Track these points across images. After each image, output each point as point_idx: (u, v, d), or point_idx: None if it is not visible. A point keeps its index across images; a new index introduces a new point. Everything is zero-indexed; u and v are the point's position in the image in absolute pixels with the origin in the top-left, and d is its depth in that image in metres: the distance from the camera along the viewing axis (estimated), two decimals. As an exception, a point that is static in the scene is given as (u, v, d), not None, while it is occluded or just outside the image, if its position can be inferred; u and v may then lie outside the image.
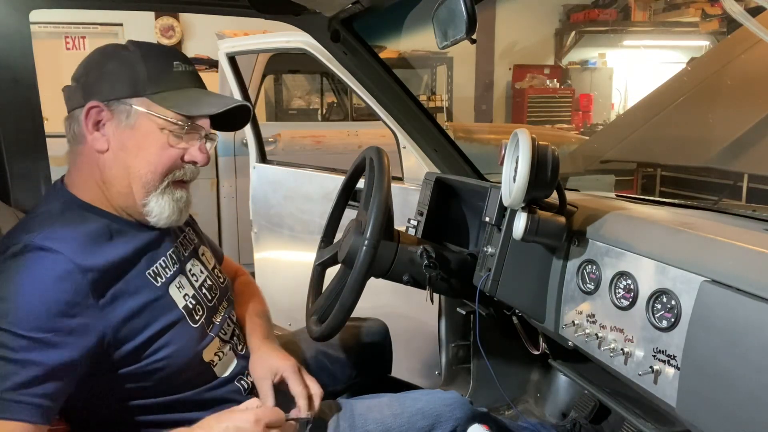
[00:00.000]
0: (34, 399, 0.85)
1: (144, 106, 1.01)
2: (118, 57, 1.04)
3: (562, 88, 9.08)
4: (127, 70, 1.02)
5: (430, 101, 7.18)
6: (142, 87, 1.01)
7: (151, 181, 1.03)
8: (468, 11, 1.06)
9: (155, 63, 1.03)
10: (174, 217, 1.06)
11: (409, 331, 2.05)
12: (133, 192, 1.03)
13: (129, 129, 1.01)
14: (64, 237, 0.95)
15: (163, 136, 1.02)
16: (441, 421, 1.20)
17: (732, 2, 1.14)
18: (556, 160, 1.11)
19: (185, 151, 1.05)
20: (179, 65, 1.06)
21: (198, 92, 1.07)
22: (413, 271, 1.45)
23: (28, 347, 0.86)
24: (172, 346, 1.02)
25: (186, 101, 1.03)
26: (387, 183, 1.28)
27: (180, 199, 1.07)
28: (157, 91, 1.02)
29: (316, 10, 1.61)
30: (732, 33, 5.89)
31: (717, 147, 3.85)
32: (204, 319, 1.10)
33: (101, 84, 1.02)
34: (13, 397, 0.84)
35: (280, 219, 2.77)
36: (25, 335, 0.86)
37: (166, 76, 1.03)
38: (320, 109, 6.02)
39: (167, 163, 1.03)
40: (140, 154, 1.02)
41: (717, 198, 3.92)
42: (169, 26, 7.20)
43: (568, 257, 1.23)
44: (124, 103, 1.01)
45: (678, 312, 0.94)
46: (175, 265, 1.10)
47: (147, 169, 1.02)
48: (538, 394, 1.88)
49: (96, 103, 1.01)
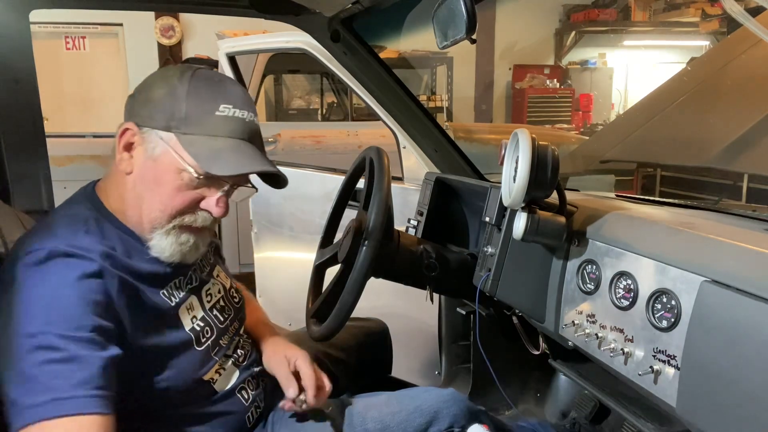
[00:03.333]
0: (99, 392, 0.86)
1: (171, 143, 0.97)
2: (168, 85, 0.99)
3: (562, 88, 9.09)
4: (169, 101, 0.98)
5: (430, 101, 7.18)
6: (176, 124, 0.97)
7: (158, 219, 1.00)
8: (468, 11, 1.06)
9: (199, 102, 0.99)
10: (174, 258, 1.03)
11: (409, 331, 2.05)
12: (141, 220, 1.01)
13: (152, 161, 0.99)
14: (89, 245, 0.95)
15: (181, 178, 0.98)
16: (438, 417, 1.20)
17: (732, 2, 1.14)
18: (556, 160, 1.11)
19: (203, 199, 1.01)
20: (227, 109, 0.99)
21: (230, 145, 0.99)
22: (413, 271, 1.45)
23: (77, 346, 0.86)
24: (175, 368, 1.01)
25: (210, 152, 0.97)
26: (387, 183, 1.28)
27: (185, 242, 1.03)
28: (188, 133, 0.97)
29: (316, 10, 1.62)
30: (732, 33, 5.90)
31: (717, 147, 3.85)
32: (210, 342, 1.09)
33: (143, 108, 1.00)
34: (81, 393, 0.85)
35: (280, 219, 2.77)
36: (71, 335, 0.86)
37: (203, 119, 0.98)
38: (320, 109, 6.03)
39: (178, 206, 1.00)
40: (155, 190, 0.99)
41: (717, 198, 3.92)
42: (169, 26, 7.20)
43: (568, 257, 1.23)
44: (156, 134, 0.98)
45: (678, 312, 0.94)
46: (188, 286, 1.09)
47: (157, 206, 0.99)
48: (538, 394, 1.88)
49: (132, 125, 0.99)
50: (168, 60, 7.15)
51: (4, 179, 1.43)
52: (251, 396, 1.16)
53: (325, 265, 1.52)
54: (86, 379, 0.86)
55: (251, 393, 1.17)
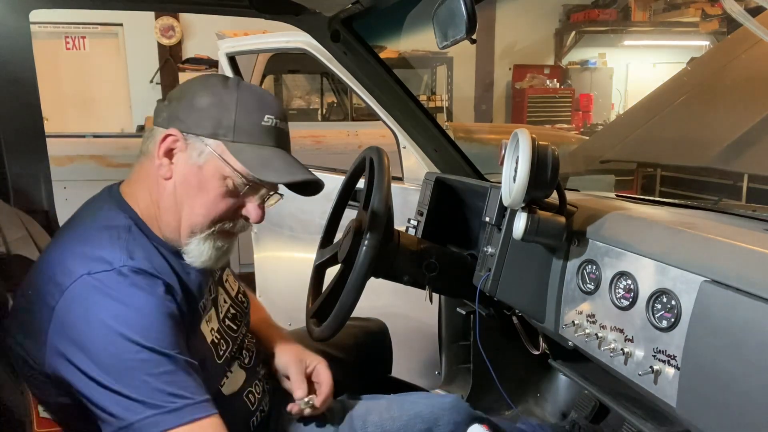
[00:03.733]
0: (207, 395, 0.93)
1: (218, 150, 0.99)
2: (214, 94, 1.01)
3: (562, 88, 9.09)
4: (216, 110, 1.00)
5: (430, 101, 7.18)
6: (224, 132, 0.99)
7: (199, 225, 1.01)
8: (468, 11, 1.06)
9: (246, 112, 1.01)
10: (209, 263, 1.04)
11: (409, 331, 2.05)
12: (180, 228, 1.02)
13: (196, 167, 1.00)
14: (147, 259, 0.96)
15: (225, 186, 1.00)
16: (439, 424, 1.20)
17: (732, 2, 1.14)
18: (556, 160, 1.11)
19: (242, 206, 1.04)
20: (270, 119, 1.02)
21: (276, 154, 1.03)
22: (413, 271, 1.45)
23: (175, 359, 0.91)
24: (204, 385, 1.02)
25: (260, 161, 1.00)
26: (387, 183, 1.28)
27: (221, 248, 1.05)
28: (236, 141, 1.00)
29: (316, 10, 1.62)
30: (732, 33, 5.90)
31: (717, 147, 3.86)
32: (228, 354, 1.10)
33: (188, 115, 1.01)
34: (200, 397, 0.91)
35: (280, 219, 2.77)
36: (165, 352, 0.90)
37: (251, 129, 1.01)
38: (320, 109, 6.03)
39: (220, 212, 1.02)
40: (198, 195, 1.01)
41: (717, 198, 3.92)
42: (169, 26, 7.20)
43: (568, 257, 1.23)
44: (201, 141, 0.99)
45: (678, 312, 0.94)
46: (212, 296, 1.10)
47: (200, 211, 1.01)
48: (538, 394, 1.88)
49: (176, 131, 1.00)
50: (168, 60, 7.15)
51: (4, 179, 1.43)
52: (257, 400, 1.16)
53: (325, 265, 1.52)
54: (196, 385, 0.92)
55: (257, 397, 1.16)
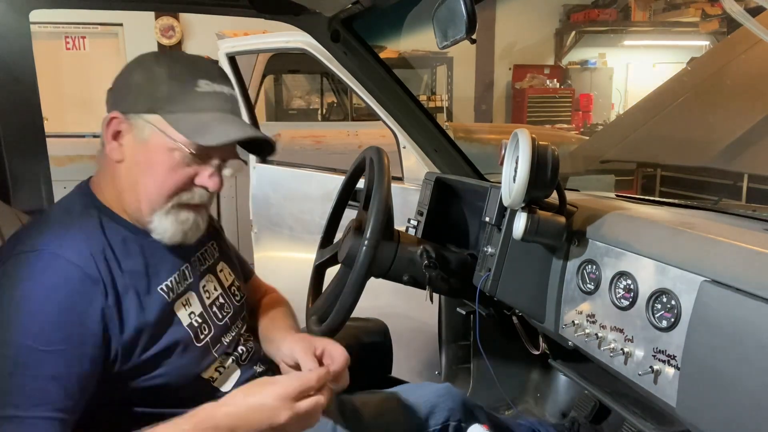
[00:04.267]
0: (52, 413, 0.86)
1: (158, 124, 0.99)
2: (146, 69, 1.02)
3: (562, 88, 9.09)
4: (150, 85, 1.00)
5: (430, 101, 7.19)
6: (161, 105, 0.99)
7: (156, 201, 1.01)
8: (468, 11, 1.06)
9: (179, 82, 1.01)
10: (177, 238, 1.04)
11: (409, 331, 2.05)
12: (140, 206, 1.02)
13: (143, 144, 1.00)
14: (81, 244, 0.95)
15: (173, 158, 1.00)
16: (435, 412, 1.21)
17: (732, 2, 1.14)
18: (556, 160, 1.11)
19: (196, 175, 1.02)
20: (206, 84, 1.02)
21: (215, 117, 1.02)
22: (413, 271, 1.45)
23: (42, 360, 0.86)
24: (173, 365, 1.01)
25: (197, 126, 0.99)
26: (387, 183, 1.28)
27: (185, 221, 1.04)
28: (173, 111, 0.99)
29: (316, 10, 1.62)
30: (732, 33, 5.90)
31: (717, 147, 3.86)
32: (210, 339, 1.09)
33: (125, 95, 1.01)
34: (32, 413, 0.85)
35: (280, 219, 2.77)
36: (39, 348, 0.86)
37: (185, 97, 1.00)
38: (320, 109, 6.03)
39: (173, 184, 1.01)
40: (149, 172, 1.00)
41: (717, 198, 3.92)
42: (169, 26, 7.20)
43: (568, 257, 1.23)
44: (141, 118, 1.00)
45: (678, 312, 0.94)
46: (186, 281, 1.09)
47: (153, 187, 1.00)
48: (538, 394, 1.88)
49: (117, 114, 1.00)
50: (168, 60, 7.15)
51: (4, 179, 1.43)
52: None
53: (325, 265, 1.52)
54: (43, 398, 0.86)
55: None
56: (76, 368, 0.89)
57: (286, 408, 0.88)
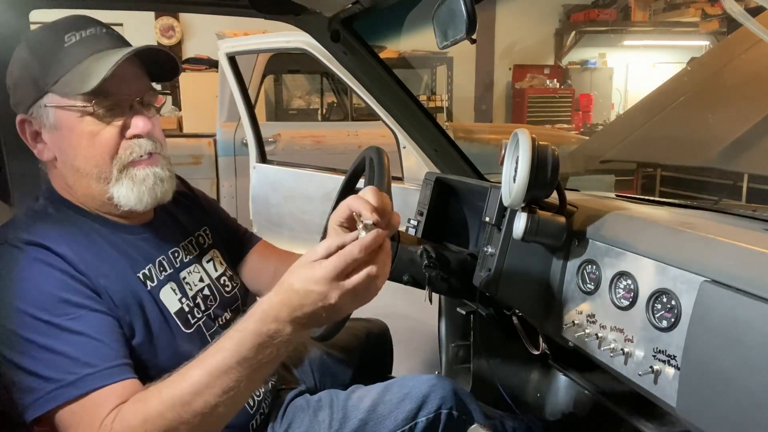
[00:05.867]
0: (117, 360, 0.88)
1: (54, 101, 0.94)
2: (17, 61, 0.98)
3: (562, 88, 9.10)
4: (25, 71, 0.96)
5: (430, 101, 7.18)
6: (44, 83, 0.94)
7: (102, 173, 0.96)
8: (468, 11, 1.06)
9: (45, 49, 0.95)
10: (146, 199, 0.99)
11: (409, 331, 2.05)
12: (94, 190, 0.98)
13: (56, 130, 0.96)
14: (50, 234, 0.94)
15: (87, 124, 0.94)
16: (427, 401, 1.21)
17: (732, 2, 1.14)
18: (556, 160, 1.11)
19: (123, 128, 0.97)
20: (72, 35, 0.95)
21: (95, 58, 0.94)
22: (413, 271, 1.45)
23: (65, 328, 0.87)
24: (162, 352, 0.99)
25: (85, 77, 0.92)
26: (387, 183, 1.28)
27: (145, 179, 0.99)
28: (56, 80, 0.93)
29: (316, 10, 1.61)
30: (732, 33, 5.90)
31: (717, 147, 3.86)
32: (202, 323, 1.08)
33: (15, 95, 0.98)
34: (105, 364, 0.87)
35: (280, 219, 2.77)
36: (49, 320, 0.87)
37: (58, 58, 0.94)
38: (320, 109, 6.03)
39: (105, 149, 0.96)
40: (78, 151, 0.96)
41: (717, 198, 3.92)
42: (169, 26, 7.21)
43: (568, 257, 1.23)
44: (40, 107, 0.95)
45: (678, 312, 0.94)
46: (167, 272, 1.06)
47: (89, 162, 0.96)
48: (538, 394, 1.88)
49: (22, 116, 0.97)
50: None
51: (4, 179, 1.43)
52: (256, 402, 1.15)
53: (325, 265, 1.52)
54: (102, 351, 0.88)
55: (256, 399, 1.15)
56: (107, 323, 0.91)
57: (333, 289, 0.79)
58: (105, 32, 0.99)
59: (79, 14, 1.01)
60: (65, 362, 0.86)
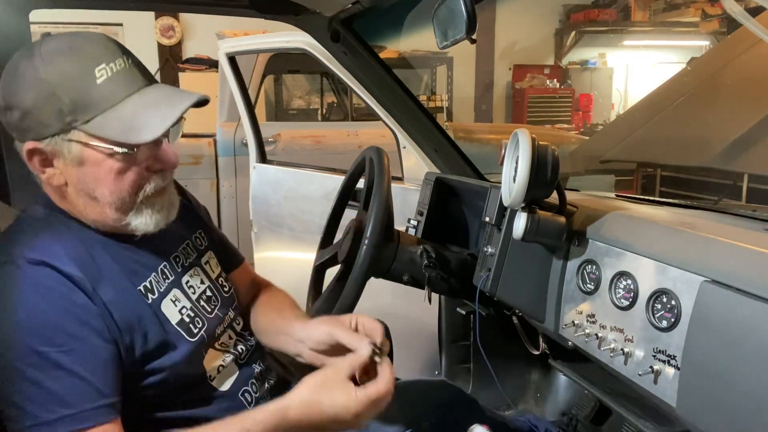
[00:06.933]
0: (99, 401, 0.88)
1: (82, 139, 0.90)
2: (30, 86, 0.89)
3: (562, 88, 9.08)
4: (47, 102, 0.88)
5: (430, 101, 7.18)
6: (72, 119, 0.89)
7: (123, 205, 0.96)
8: (468, 11, 1.06)
9: (74, 83, 0.89)
10: (161, 224, 1.00)
11: (409, 331, 2.05)
12: (108, 217, 0.97)
13: (78, 165, 0.92)
14: (55, 251, 0.92)
15: (116, 163, 0.93)
16: (431, 406, 1.21)
17: (732, 2, 1.14)
18: (556, 160, 1.11)
19: (148, 163, 0.96)
20: (103, 70, 0.90)
21: (136, 102, 0.92)
22: (413, 271, 1.45)
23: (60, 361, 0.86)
24: (168, 363, 0.99)
25: (125, 124, 0.90)
26: (387, 183, 1.28)
27: (161, 208, 1.00)
28: (88, 119, 0.89)
29: (316, 10, 1.61)
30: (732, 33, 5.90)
31: (717, 147, 3.86)
32: (204, 332, 1.07)
33: (27, 122, 0.90)
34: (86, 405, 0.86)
35: (280, 219, 2.77)
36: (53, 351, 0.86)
37: (92, 97, 0.89)
38: (320, 109, 6.03)
39: (131, 185, 0.95)
40: (101, 185, 0.94)
41: (717, 198, 3.92)
42: (169, 26, 7.20)
43: (568, 257, 1.23)
44: (61, 139, 0.90)
45: (678, 312, 0.94)
46: (170, 278, 1.06)
47: (113, 196, 0.95)
48: (538, 394, 1.88)
49: (33, 145, 0.91)
50: (168, 60, 7.15)
51: (4, 179, 1.43)
52: (254, 399, 1.14)
53: (325, 266, 1.52)
54: (86, 391, 0.87)
55: (254, 396, 1.14)
56: (99, 357, 0.90)
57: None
58: (131, 63, 0.95)
59: (101, 36, 0.96)
60: (47, 399, 0.85)
